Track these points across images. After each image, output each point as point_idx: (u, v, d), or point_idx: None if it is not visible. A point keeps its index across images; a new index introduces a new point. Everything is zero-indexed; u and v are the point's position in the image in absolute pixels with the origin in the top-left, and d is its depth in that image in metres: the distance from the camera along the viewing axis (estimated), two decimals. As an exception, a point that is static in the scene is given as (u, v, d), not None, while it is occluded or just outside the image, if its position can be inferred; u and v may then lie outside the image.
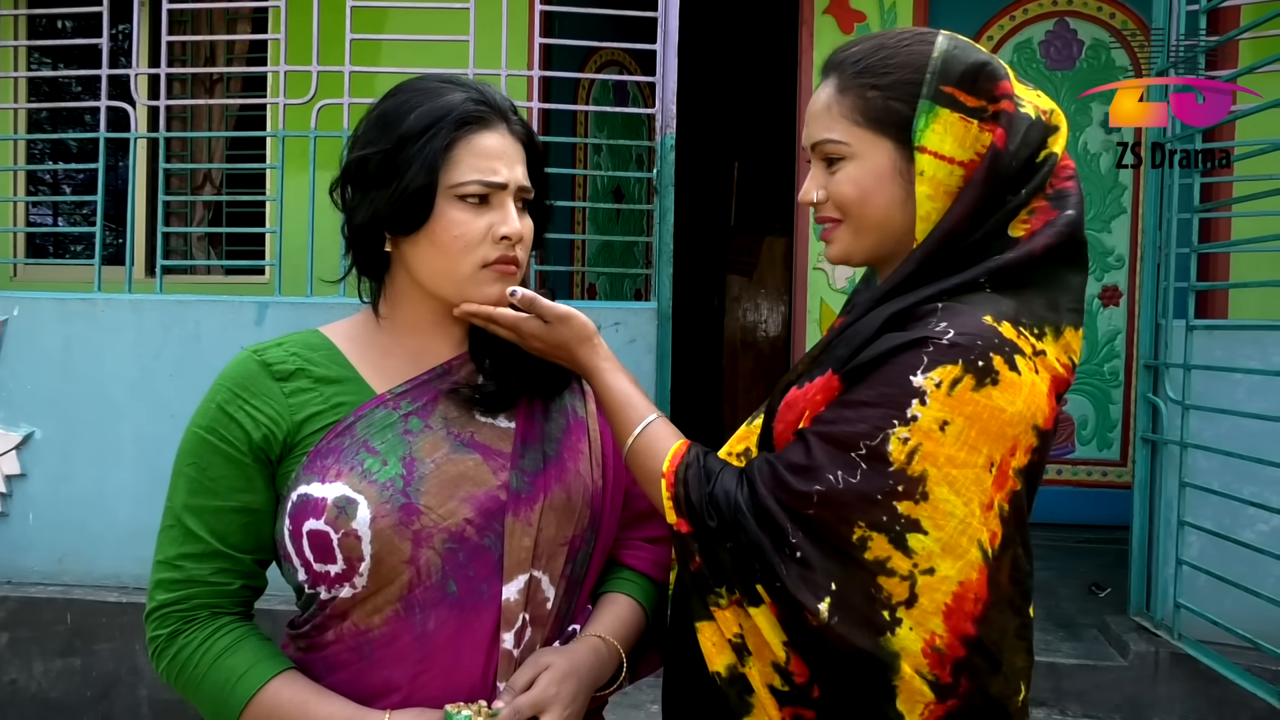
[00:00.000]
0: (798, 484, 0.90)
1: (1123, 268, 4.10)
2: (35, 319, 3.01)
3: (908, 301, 0.94)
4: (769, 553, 0.90)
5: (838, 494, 0.88)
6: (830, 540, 0.89)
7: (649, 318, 2.91)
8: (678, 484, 0.96)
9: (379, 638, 0.95)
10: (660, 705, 1.09)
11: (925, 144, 0.94)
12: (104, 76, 3.09)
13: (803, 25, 3.97)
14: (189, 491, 0.97)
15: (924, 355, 0.88)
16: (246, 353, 1.01)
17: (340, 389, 0.99)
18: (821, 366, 0.97)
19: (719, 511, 0.93)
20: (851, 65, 0.98)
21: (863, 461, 0.88)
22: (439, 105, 0.97)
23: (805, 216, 3.98)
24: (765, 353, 7.32)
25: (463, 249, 0.98)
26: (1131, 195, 4.03)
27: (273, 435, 0.96)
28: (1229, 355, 2.69)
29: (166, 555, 0.98)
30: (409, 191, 0.96)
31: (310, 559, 0.94)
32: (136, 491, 2.88)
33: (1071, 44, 3.98)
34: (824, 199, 1.00)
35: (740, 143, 6.82)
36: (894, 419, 0.88)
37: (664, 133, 2.88)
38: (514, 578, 0.98)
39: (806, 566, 0.89)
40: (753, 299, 7.36)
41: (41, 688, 2.87)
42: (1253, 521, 2.61)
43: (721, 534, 0.93)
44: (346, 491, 0.93)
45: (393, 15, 3.90)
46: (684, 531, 0.96)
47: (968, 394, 0.87)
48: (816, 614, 0.87)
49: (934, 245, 0.94)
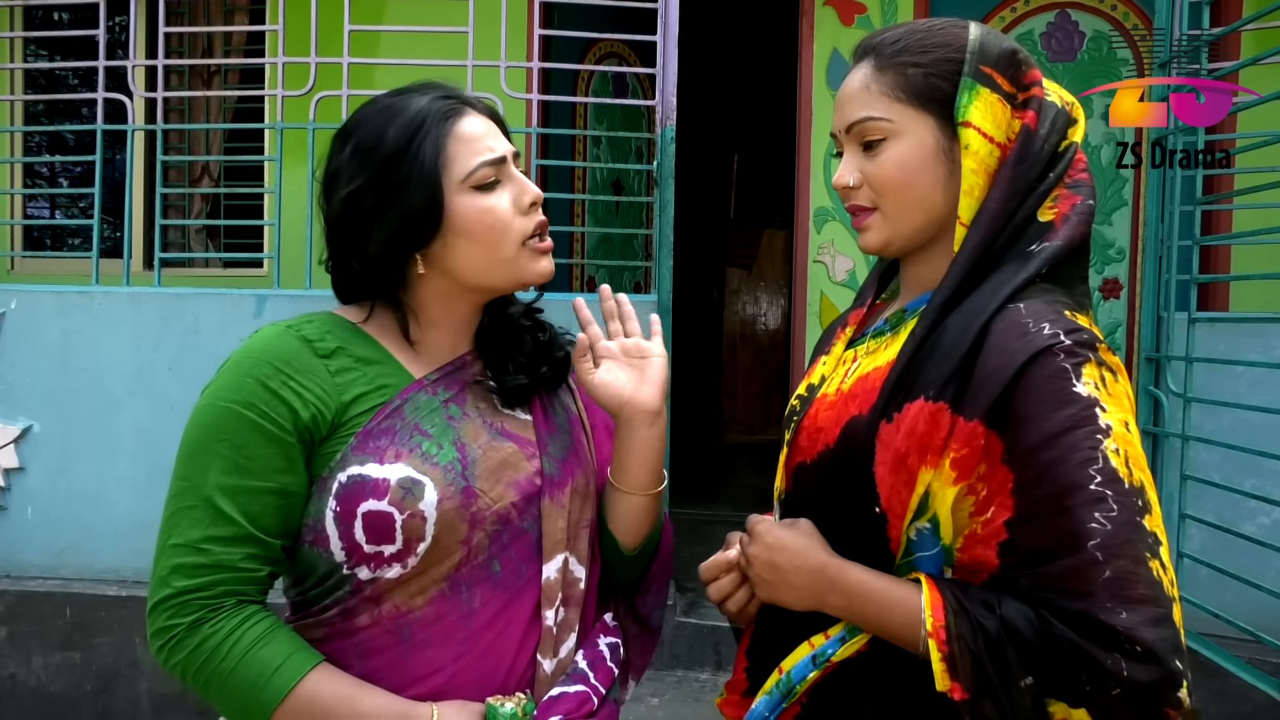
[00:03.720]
0: (1078, 581, 0.80)
1: (1124, 260, 4.09)
2: (33, 312, 3.00)
3: (989, 306, 0.89)
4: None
5: (1112, 536, 0.80)
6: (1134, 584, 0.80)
7: (649, 310, 2.89)
8: (950, 640, 0.84)
9: (421, 618, 0.95)
10: (666, 704, 1.08)
11: (970, 119, 0.93)
12: (101, 68, 3.07)
13: (803, 17, 3.95)
14: (223, 470, 0.91)
15: (1063, 363, 0.84)
16: (280, 327, 0.98)
17: (381, 370, 0.99)
18: (912, 393, 0.89)
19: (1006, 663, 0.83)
20: (889, 46, 0.97)
21: (1104, 489, 0.81)
22: (410, 114, 0.98)
23: (805, 209, 3.97)
24: (764, 346, 7.33)
25: (501, 232, 0.99)
26: (1133, 188, 4.02)
27: (321, 416, 0.94)
28: (1231, 348, 2.69)
29: (189, 538, 0.91)
30: (420, 201, 0.96)
31: (360, 540, 0.93)
32: (135, 485, 2.88)
33: (1073, 36, 3.96)
34: (860, 183, 0.97)
35: (740, 135, 6.80)
36: (1096, 435, 0.82)
37: (664, 125, 2.87)
38: (552, 558, 1.01)
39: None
40: (752, 292, 7.36)
41: (41, 682, 2.86)
42: (1254, 514, 2.61)
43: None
44: (410, 473, 0.93)
45: (391, 6, 3.88)
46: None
47: (1114, 387, 0.86)
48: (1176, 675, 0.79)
49: (985, 234, 0.93)
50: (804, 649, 0.96)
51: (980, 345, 0.87)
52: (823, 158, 3.93)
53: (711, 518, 4.54)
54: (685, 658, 2.95)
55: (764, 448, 6.61)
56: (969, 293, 0.92)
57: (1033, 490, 0.83)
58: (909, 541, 0.91)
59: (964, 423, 0.86)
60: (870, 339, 1.04)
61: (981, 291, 0.91)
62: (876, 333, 1.04)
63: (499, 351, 1.07)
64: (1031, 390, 0.84)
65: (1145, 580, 0.80)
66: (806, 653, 0.95)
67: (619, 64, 4.41)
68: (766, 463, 6.58)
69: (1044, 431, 0.83)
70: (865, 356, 1.02)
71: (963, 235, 0.94)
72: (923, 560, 0.91)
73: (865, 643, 0.92)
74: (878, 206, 0.97)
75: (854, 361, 1.03)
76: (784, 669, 0.96)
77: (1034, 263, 0.91)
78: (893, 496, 0.89)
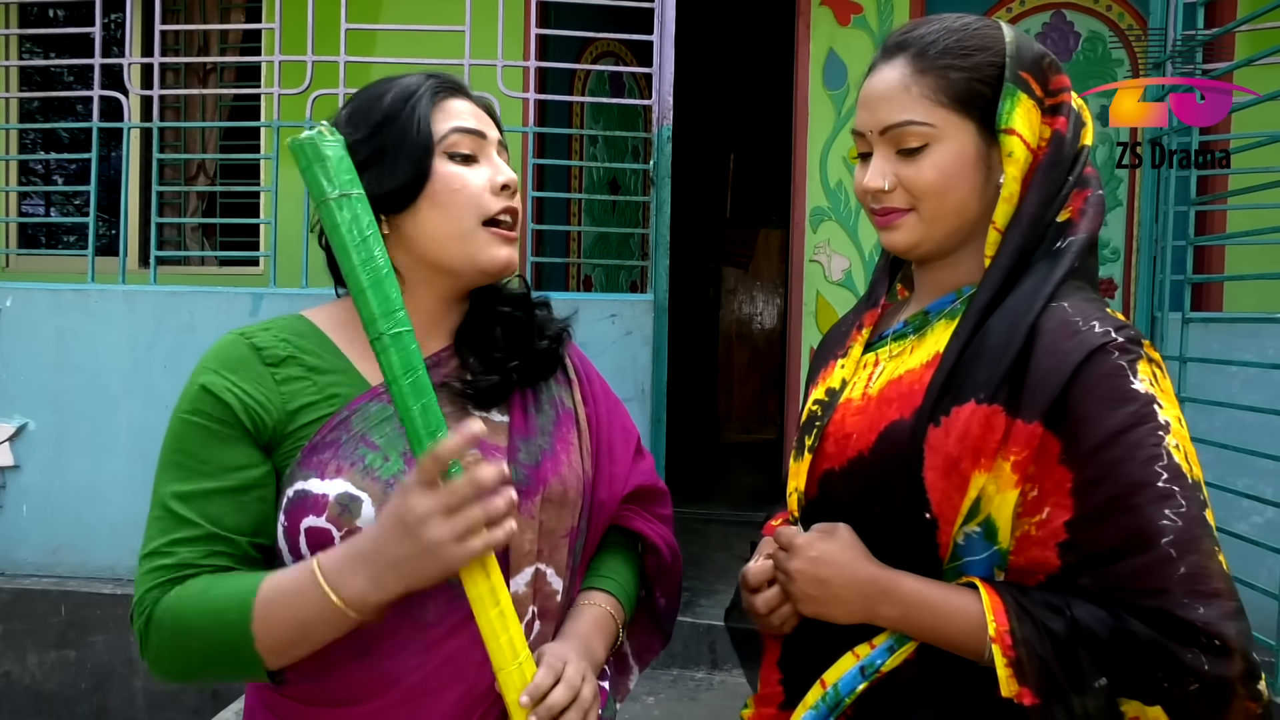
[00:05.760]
0: (1157, 578, 0.80)
1: (1118, 260, 4.10)
2: (28, 310, 3.00)
3: (1034, 305, 0.88)
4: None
5: (1184, 532, 0.80)
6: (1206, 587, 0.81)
7: (645, 309, 2.90)
8: (1016, 645, 0.83)
9: (374, 631, 0.93)
10: (662, 703, 1.07)
11: (1014, 126, 0.92)
12: (97, 65, 3.07)
13: (799, 17, 3.95)
14: (179, 479, 0.92)
15: (1118, 360, 0.84)
16: (233, 335, 0.98)
17: (334, 379, 0.96)
18: (960, 396, 0.88)
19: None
20: (929, 46, 0.94)
21: (1172, 485, 0.81)
22: (407, 85, 1.00)
23: (801, 209, 3.98)
24: (760, 345, 7.34)
25: (465, 202, 0.97)
26: (1128, 188, 4.03)
27: (261, 420, 0.92)
28: (1224, 348, 2.70)
29: (156, 545, 0.91)
30: (408, 158, 0.96)
31: (306, 555, 0.91)
32: (131, 483, 2.87)
33: (1068, 36, 3.97)
34: (894, 186, 0.94)
35: (736, 135, 6.81)
36: (1158, 431, 0.82)
37: (660, 124, 2.87)
38: (520, 570, 0.97)
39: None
40: (748, 291, 7.37)
41: (36, 680, 2.86)
42: (1247, 514, 2.62)
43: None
44: (349, 489, 0.91)
45: (388, 5, 3.88)
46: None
47: (1164, 383, 0.86)
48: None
49: (1024, 238, 0.92)
50: (848, 660, 0.93)
51: (1030, 346, 0.86)
52: (819, 157, 3.93)
53: (707, 517, 4.54)
54: (681, 656, 2.95)
55: (760, 447, 6.62)
56: (1006, 294, 0.91)
57: (1095, 490, 0.82)
58: (957, 546, 0.89)
59: (1022, 425, 0.84)
60: (891, 341, 1.01)
61: (1020, 291, 0.90)
62: (898, 335, 1.01)
63: (475, 348, 1.03)
64: (1090, 389, 0.83)
65: (1218, 575, 0.80)
66: (852, 664, 0.92)
67: (616, 63, 4.41)
68: (762, 462, 6.56)
69: (1105, 430, 0.82)
70: (890, 360, 0.99)
71: (995, 239, 0.93)
72: (971, 564, 0.89)
73: (913, 650, 0.90)
74: (914, 208, 0.95)
75: (877, 365, 1.01)
76: (827, 682, 0.93)
77: (1066, 258, 0.91)
78: (944, 502, 0.87)
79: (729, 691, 2.77)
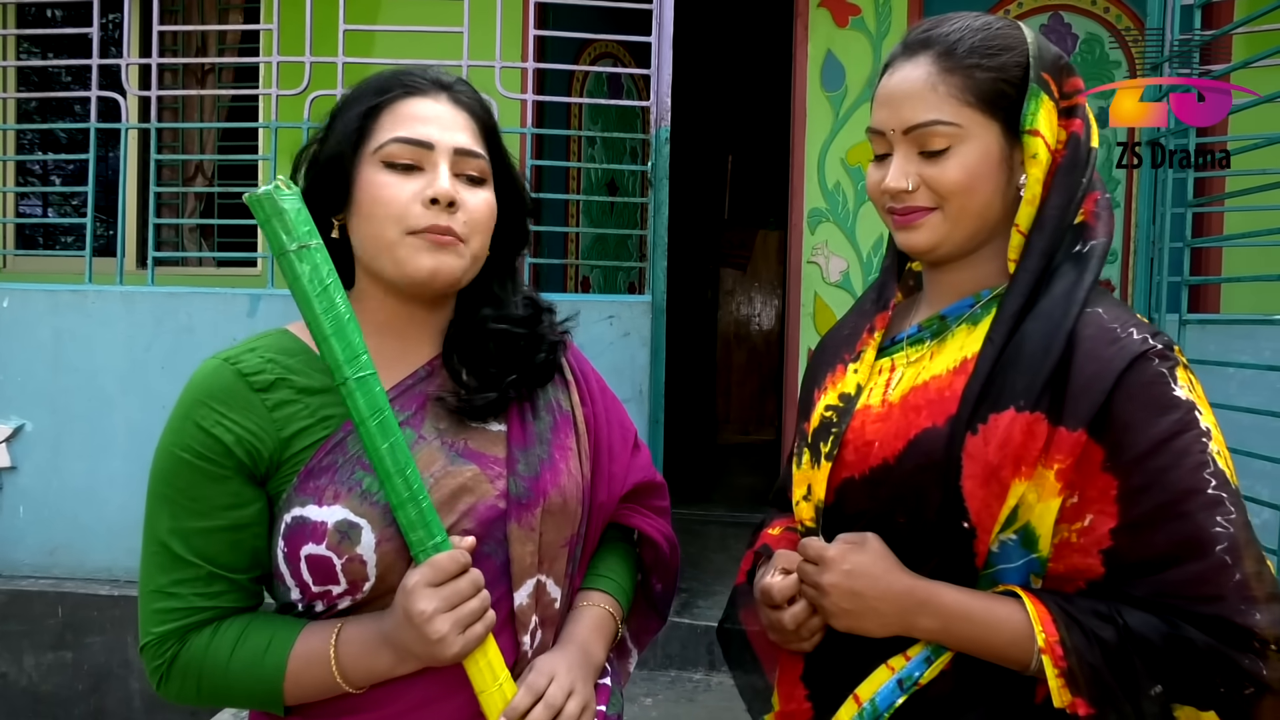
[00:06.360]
0: (1213, 585, 0.80)
1: (1115, 262, 4.11)
2: (25, 311, 2.99)
3: (1069, 311, 0.87)
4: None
5: (1235, 538, 0.81)
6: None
7: (643, 311, 2.90)
8: (1068, 655, 0.82)
9: None
10: (660, 704, 1.07)
11: (1037, 127, 0.91)
12: (94, 66, 3.06)
13: (797, 18, 3.95)
14: (173, 515, 0.91)
15: (1159, 368, 0.84)
16: (217, 361, 0.94)
17: (326, 400, 0.93)
18: (999, 404, 0.86)
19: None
20: (956, 45, 0.92)
21: (1220, 492, 0.81)
22: (365, 87, 0.99)
23: (799, 210, 3.98)
24: (759, 346, 7.34)
25: (386, 214, 0.93)
26: (1125, 190, 4.03)
27: (256, 452, 0.91)
28: (1221, 350, 2.70)
29: (158, 584, 0.91)
30: (326, 161, 0.96)
31: (308, 581, 0.91)
32: (128, 484, 2.87)
33: (1066, 38, 3.98)
34: (918, 186, 0.93)
35: (734, 136, 6.81)
36: (1202, 438, 0.82)
37: (659, 125, 2.88)
38: (523, 583, 0.96)
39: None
40: (746, 292, 7.38)
41: (33, 681, 2.86)
42: (1244, 515, 2.62)
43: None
44: (348, 515, 0.89)
45: (386, 6, 3.87)
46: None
47: (1199, 389, 0.86)
48: None
49: (1050, 241, 0.91)
50: (883, 673, 0.91)
51: (1070, 353, 0.85)
52: (817, 159, 3.93)
53: (705, 518, 4.55)
54: (679, 658, 2.95)
55: (758, 448, 6.62)
56: (1036, 298, 0.90)
57: (1143, 497, 0.82)
58: (991, 554, 0.88)
59: (1065, 432, 0.84)
60: (908, 346, 0.99)
61: (1053, 297, 0.89)
62: (914, 340, 0.99)
63: (465, 359, 1.00)
64: (1133, 396, 0.83)
65: (1270, 580, 0.81)
66: (888, 677, 0.90)
67: (614, 65, 4.42)
68: (760, 463, 6.57)
69: (1151, 437, 0.82)
70: (909, 365, 0.97)
71: (1019, 242, 0.92)
72: (1006, 572, 0.88)
73: (949, 660, 0.89)
74: (938, 207, 0.93)
75: (894, 370, 0.99)
76: (863, 697, 0.91)
77: (1092, 262, 0.91)
78: (983, 510, 0.85)
79: (727, 693, 2.77)
